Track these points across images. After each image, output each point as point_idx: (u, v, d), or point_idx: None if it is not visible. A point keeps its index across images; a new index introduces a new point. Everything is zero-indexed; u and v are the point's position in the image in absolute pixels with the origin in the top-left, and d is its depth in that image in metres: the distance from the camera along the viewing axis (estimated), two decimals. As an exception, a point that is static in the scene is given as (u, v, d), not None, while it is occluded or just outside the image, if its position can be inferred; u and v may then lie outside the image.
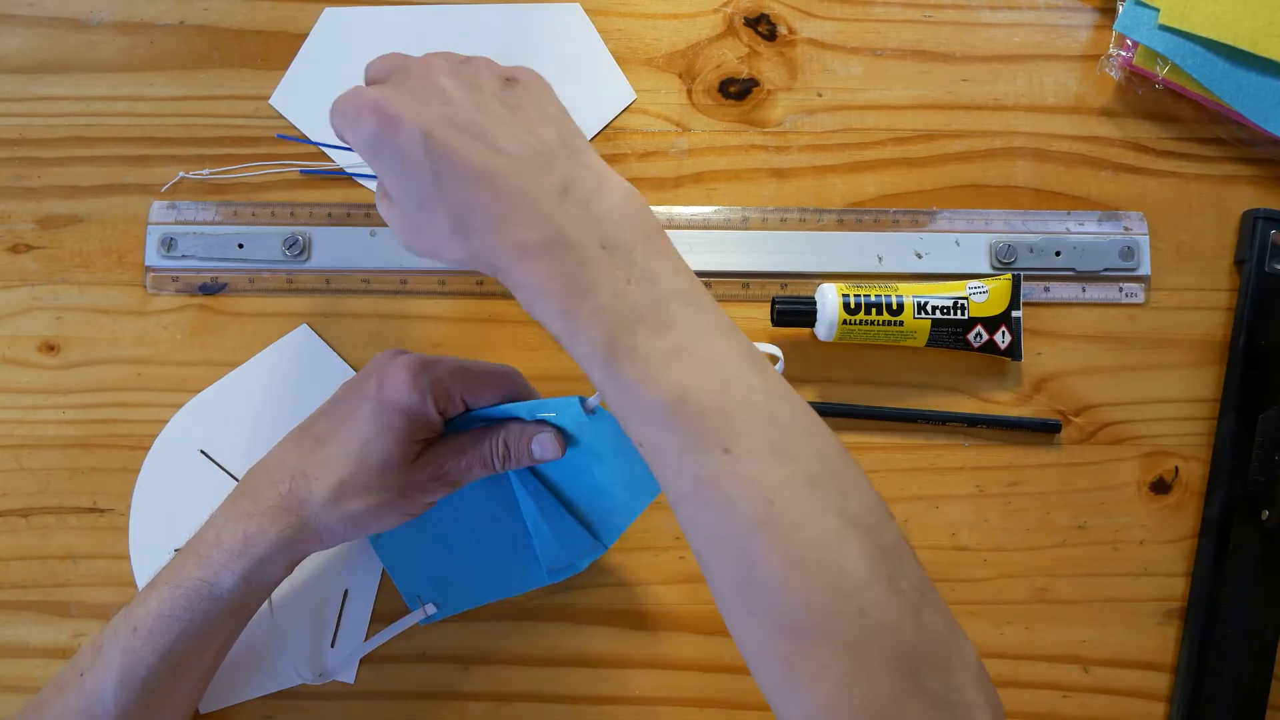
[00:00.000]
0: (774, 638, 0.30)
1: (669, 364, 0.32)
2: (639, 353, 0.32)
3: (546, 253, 0.33)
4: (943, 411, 0.51)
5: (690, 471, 0.32)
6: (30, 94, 0.54)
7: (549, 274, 0.33)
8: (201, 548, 0.41)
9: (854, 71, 0.54)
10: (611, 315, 0.33)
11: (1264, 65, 0.51)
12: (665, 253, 0.35)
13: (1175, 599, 0.50)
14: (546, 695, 0.49)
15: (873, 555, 0.30)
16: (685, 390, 0.32)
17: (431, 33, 0.54)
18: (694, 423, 0.31)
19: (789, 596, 0.30)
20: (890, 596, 0.30)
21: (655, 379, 0.32)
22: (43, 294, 0.52)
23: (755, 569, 0.30)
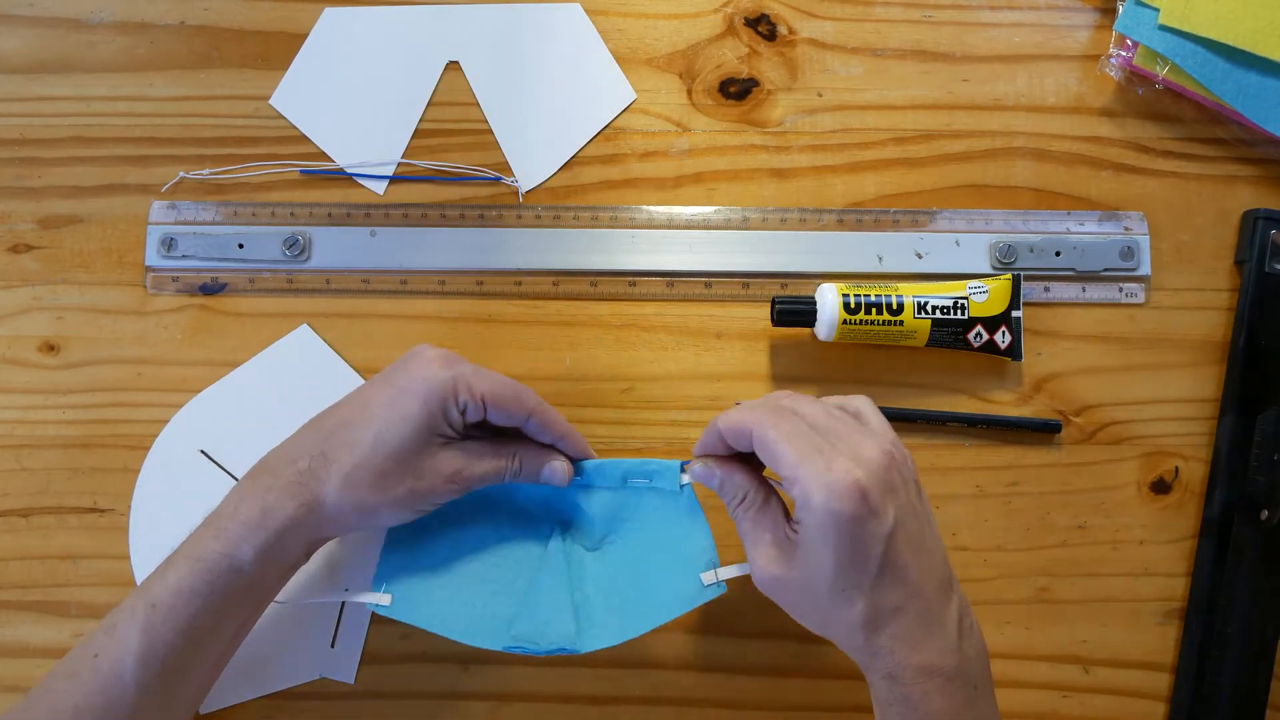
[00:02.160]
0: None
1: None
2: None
3: (948, 683, 0.37)
4: (943, 411, 0.51)
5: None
6: (30, 94, 0.54)
7: (944, 705, 0.37)
8: (220, 521, 0.40)
9: (854, 71, 0.54)
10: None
11: (1264, 65, 0.51)
12: (995, 702, 0.39)
13: (1175, 599, 0.50)
14: (546, 695, 0.49)
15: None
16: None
17: (432, 33, 0.54)
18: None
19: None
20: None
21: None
22: (43, 294, 0.52)
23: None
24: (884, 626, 0.37)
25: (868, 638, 0.37)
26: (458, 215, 0.53)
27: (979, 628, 0.39)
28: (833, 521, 0.36)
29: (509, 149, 0.53)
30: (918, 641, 0.37)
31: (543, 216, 0.53)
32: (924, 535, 0.38)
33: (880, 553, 0.36)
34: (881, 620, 0.37)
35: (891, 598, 0.36)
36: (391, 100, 0.54)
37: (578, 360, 0.52)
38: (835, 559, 0.36)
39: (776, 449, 0.37)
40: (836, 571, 0.36)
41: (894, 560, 0.36)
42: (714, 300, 0.52)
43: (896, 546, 0.36)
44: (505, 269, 0.52)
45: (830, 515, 0.36)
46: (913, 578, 0.37)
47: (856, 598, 0.36)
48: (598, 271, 0.52)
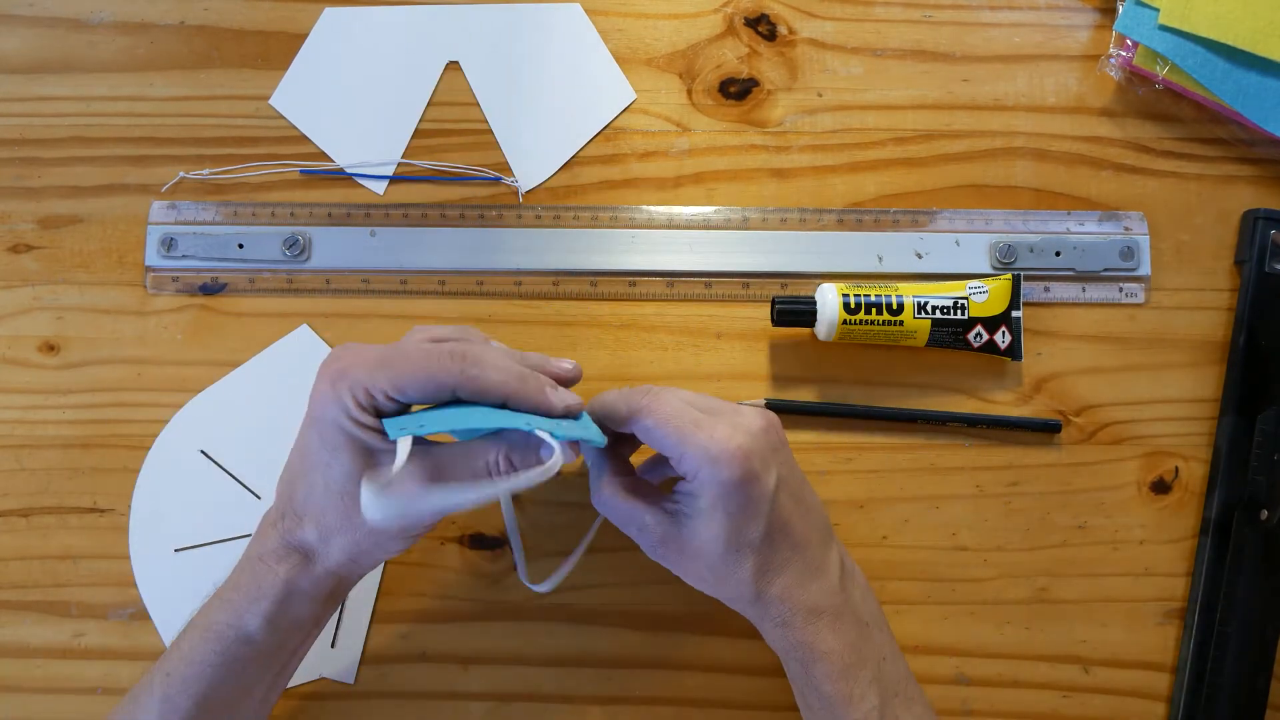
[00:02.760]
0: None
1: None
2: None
3: (835, 621, 0.40)
4: (943, 411, 0.51)
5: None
6: (30, 94, 0.54)
7: (837, 641, 0.39)
8: (225, 591, 0.40)
9: (854, 71, 0.54)
10: (880, 687, 0.40)
11: (1264, 65, 0.51)
12: (891, 634, 0.42)
13: (1175, 599, 0.50)
14: (546, 695, 0.49)
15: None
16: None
17: (432, 33, 0.54)
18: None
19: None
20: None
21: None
22: (43, 294, 0.52)
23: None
24: (774, 579, 0.39)
25: (759, 591, 0.39)
26: (458, 215, 0.53)
27: (860, 571, 0.43)
28: (721, 489, 0.38)
29: (509, 149, 0.53)
30: (804, 586, 0.39)
31: (543, 216, 0.53)
32: (804, 490, 0.41)
33: (767, 511, 0.38)
34: (770, 573, 0.39)
35: (779, 551, 0.39)
36: (391, 100, 0.54)
37: (578, 360, 0.52)
38: (727, 523, 0.38)
39: (660, 430, 0.39)
40: (728, 535, 0.38)
41: (779, 516, 0.39)
42: (714, 300, 0.52)
43: (781, 503, 0.39)
44: (505, 269, 0.52)
45: (719, 484, 0.38)
46: (797, 531, 0.39)
47: (747, 555, 0.39)
48: (598, 271, 0.52)
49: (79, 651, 0.50)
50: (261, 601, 0.39)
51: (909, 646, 0.49)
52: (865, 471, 0.51)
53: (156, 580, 0.50)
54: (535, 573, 0.50)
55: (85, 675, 0.50)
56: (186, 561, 0.50)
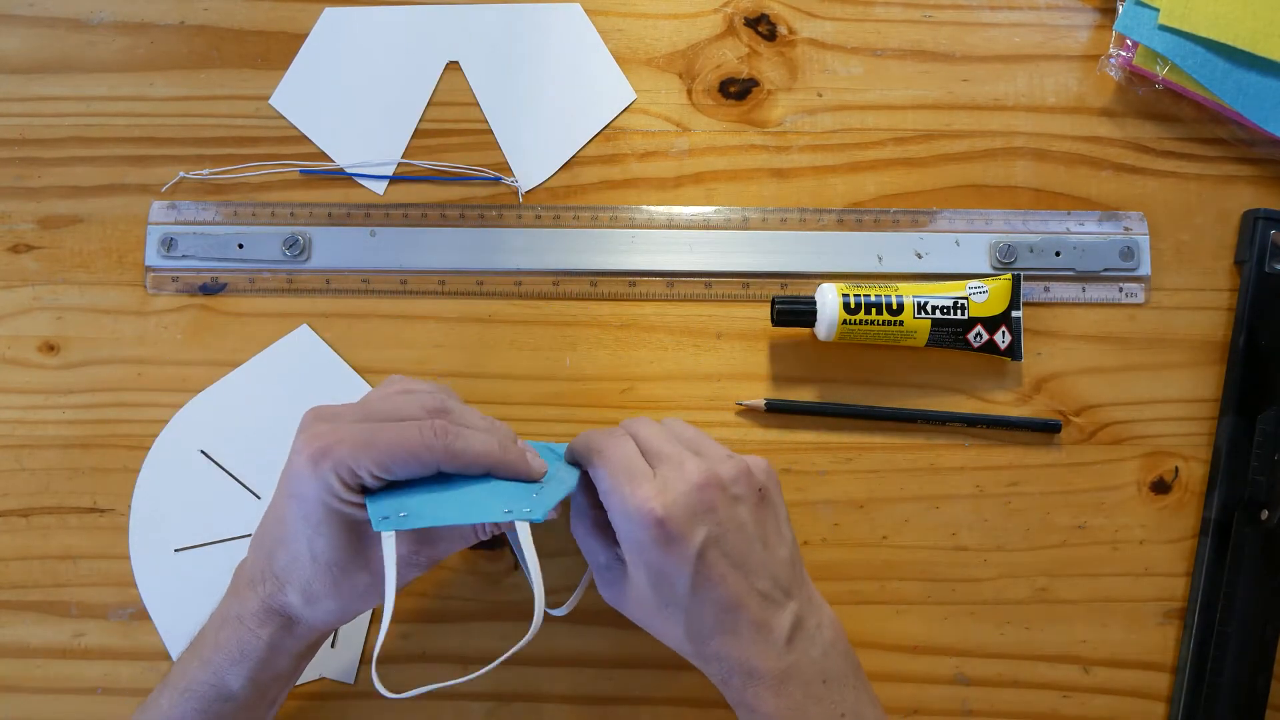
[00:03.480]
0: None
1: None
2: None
3: (778, 685, 0.38)
4: (943, 411, 0.51)
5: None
6: (30, 94, 0.54)
7: (777, 705, 0.38)
8: (203, 650, 0.39)
9: (854, 71, 0.54)
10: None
11: (1264, 65, 0.51)
12: (866, 688, 0.40)
13: (1175, 599, 0.50)
14: (546, 695, 0.49)
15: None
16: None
17: (432, 33, 0.54)
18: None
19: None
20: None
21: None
22: (43, 294, 0.52)
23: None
24: (707, 639, 0.38)
25: (695, 649, 0.39)
26: (458, 215, 0.53)
27: (835, 628, 0.40)
28: (637, 547, 0.38)
29: (509, 149, 0.53)
30: (742, 648, 0.38)
31: (543, 216, 0.53)
32: (749, 550, 0.39)
33: (690, 571, 0.37)
34: (703, 633, 0.38)
35: (708, 613, 0.38)
36: (391, 100, 0.54)
37: (578, 360, 0.52)
38: (649, 578, 0.38)
39: (597, 474, 0.40)
40: (654, 590, 0.38)
41: (707, 576, 0.38)
42: (714, 300, 0.52)
43: (708, 563, 0.38)
44: (505, 269, 0.52)
45: (634, 541, 0.38)
46: (730, 592, 0.38)
47: (677, 613, 0.38)
48: (598, 271, 0.52)
49: (79, 651, 0.50)
50: (244, 663, 0.39)
51: (909, 646, 0.50)
52: (865, 471, 0.51)
53: (156, 580, 0.50)
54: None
55: (85, 675, 0.50)
56: (186, 561, 0.50)
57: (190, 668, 0.39)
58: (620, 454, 0.40)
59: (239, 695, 0.39)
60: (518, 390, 0.51)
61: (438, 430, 0.38)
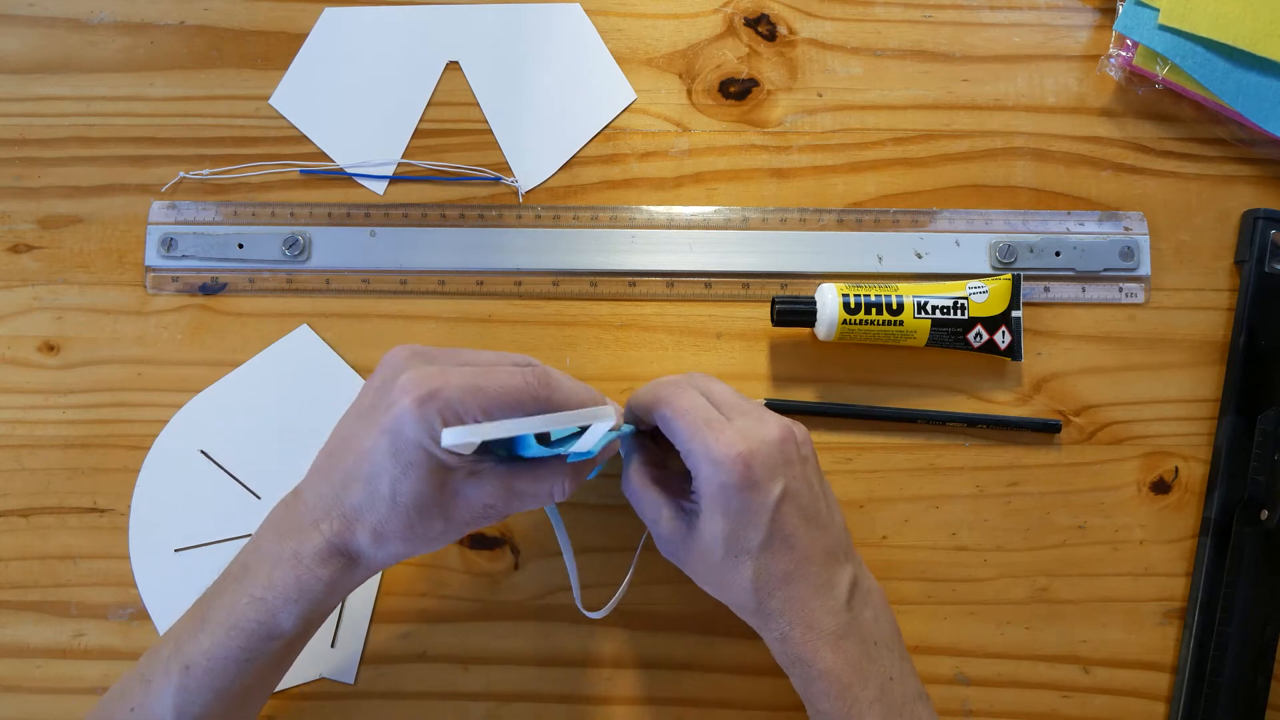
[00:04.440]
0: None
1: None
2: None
3: (838, 642, 0.39)
4: (943, 411, 0.51)
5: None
6: (30, 94, 0.54)
7: (837, 660, 0.39)
8: (255, 588, 0.38)
9: (854, 71, 0.54)
10: (883, 707, 0.39)
11: (1264, 65, 0.51)
12: (906, 655, 0.42)
13: (1175, 599, 0.50)
14: (546, 695, 0.49)
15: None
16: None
17: (432, 33, 0.54)
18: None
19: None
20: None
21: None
22: (43, 294, 0.52)
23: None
24: (774, 590, 0.39)
25: (759, 600, 0.39)
26: (458, 215, 0.53)
27: (882, 596, 0.42)
28: (720, 491, 0.38)
29: (509, 149, 0.53)
30: (806, 602, 0.39)
31: (543, 216, 0.53)
32: (817, 508, 0.40)
33: (767, 520, 0.39)
34: (771, 584, 0.39)
35: (779, 562, 0.39)
36: (391, 100, 0.54)
37: (578, 360, 0.52)
38: (725, 525, 0.39)
39: (674, 424, 0.40)
40: (727, 537, 0.39)
41: (781, 528, 0.39)
42: (714, 300, 0.52)
43: (784, 515, 0.39)
44: (505, 269, 0.52)
45: (718, 485, 0.38)
46: (800, 545, 0.39)
47: (746, 562, 0.39)
48: (598, 271, 0.52)
49: (79, 651, 0.50)
50: (301, 603, 0.38)
51: (909, 646, 0.50)
52: (865, 471, 0.51)
53: (156, 580, 0.50)
54: (531, 576, 0.50)
55: (85, 675, 0.50)
56: (186, 561, 0.50)
57: (239, 604, 0.38)
58: (697, 404, 0.40)
59: (288, 633, 0.39)
60: (518, 390, 0.51)
61: (539, 377, 0.38)
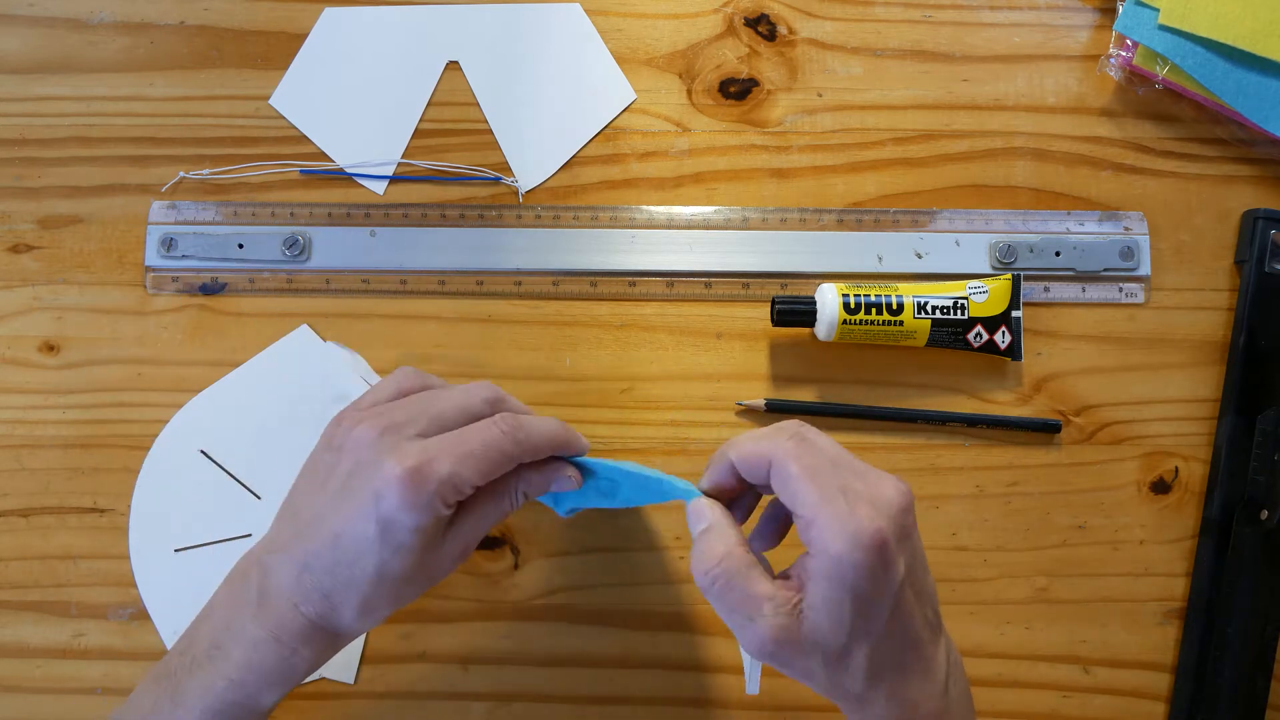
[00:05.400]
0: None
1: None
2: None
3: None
4: (943, 411, 0.51)
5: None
6: (30, 94, 0.54)
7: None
8: (232, 670, 0.37)
9: (854, 71, 0.54)
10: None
11: (1264, 65, 0.51)
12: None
13: (1175, 599, 0.50)
14: (546, 695, 0.49)
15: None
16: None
17: (432, 33, 0.54)
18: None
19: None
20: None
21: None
22: (43, 294, 0.52)
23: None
24: (884, 676, 0.35)
25: (866, 689, 0.35)
26: (458, 215, 0.53)
27: (961, 663, 0.38)
28: (853, 572, 0.33)
29: (509, 149, 0.53)
30: (911, 689, 0.35)
31: (543, 216, 0.53)
32: (924, 579, 0.36)
33: (891, 604, 0.34)
34: (884, 671, 0.35)
35: (895, 646, 0.35)
36: (391, 100, 0.54)
37: (578, 360, 0.52)
38: (853, 610, 0.34)
39: (799, 484, 0.35)
40: (852, 625, 0.34)
41: (900, 610, 0.34)
42: (714, 300, 0.52)
43: (904, 596, 0.34)
44: (505, 269, 0.52)
45: (851, 565, 0.33)
46: (914, 624, 0.35)
47: (862, 648, 0.34)
48: (598, 271, 0.52)
49: (79, 651, 0.50)
50: (284, 684, 0.38)
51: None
52: (865, 471, 0.51)
53: (156, 580, 0.50)
54: (531, 576, 0.50)
55: (85, 675, 0.50)
56: (186, 561, 0.50)
57: (215, 687, 0.37)
58: (822, 464, 0.35)
59: (267, 709, 0.38)
60: (518, 390, 0.51)
61: (510, 423, 0.38)
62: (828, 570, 0.33)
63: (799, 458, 0.35)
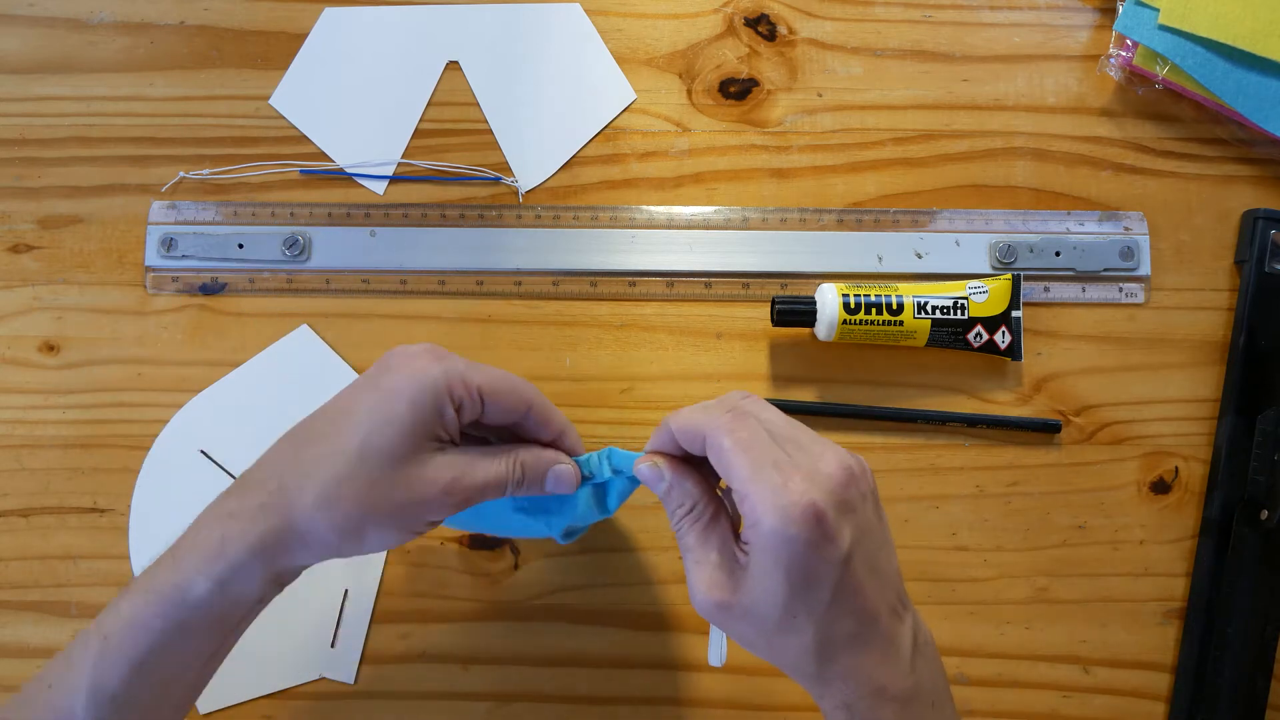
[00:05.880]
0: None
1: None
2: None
3: (903, 707, 0.35)
4: (943, 411, 0.51)
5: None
6: (30, 94, 0.54)
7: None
8: (178, 550, 0.37)
9: (854, 71, 0.54)
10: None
11: (1264, 65, 0.51)
12: (953, 703, 0.37)
13: (1175, 599, 0.50)
14: (546, 695, 0.49)
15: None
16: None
17: (432, 33, 0.54)
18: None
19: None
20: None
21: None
22: (43, 294, 0.52)
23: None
24: (837, 655, 0.34)
25: (819, 667, 0.34)
26: (458, 215, 0.53)
27: (932, 638, 0.37)
28: (785, 546, 0.33)
29: (509, 149, 0.53)
30: (872, 667, 0.34)
31: (543, 216, 0.53)
32: (879, 556, 0.35)
33: (834, 579, 0.33)
34: (835, 648, 0.34)
35: (845, 625, 0.34)
36: (391, 100, 0.54)
37: (578, 360, 0.52)
38: (786, 584, 0.33)
39: (731, 458, 0.34)
40: (787, 597, 0.33)
41: (848, 585, 0.34)
42: (714, 300, 0.52)
43: (851, 570, 0.34)
44: (505, 269, 0.52)
45: (783, 539, 0.33)
46: (867, 602, 0.34)
47: (807, 625, 0.34)
48: (598, 271, 0.52)
49: (79, 651, 0.50)
50: (218, 563, 0.36)
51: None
52: (865, 471, 0.51)
53: (156, 580, 0.50)
54: (531, 576, 0.50)
55: (85, 675, 0.50)
56: (186, 561, 0.50)
57: (158, 569, 0.36)
58: (760, 438, 0.35)
59: (202, 603, 0.36)
60: (518, 390, 0.51)
61: (528, 382, 0.40)
62: (762, 544, 0.33)
63: (732, 431, 0.35)
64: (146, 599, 0.36)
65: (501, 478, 0.39)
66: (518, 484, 0.39)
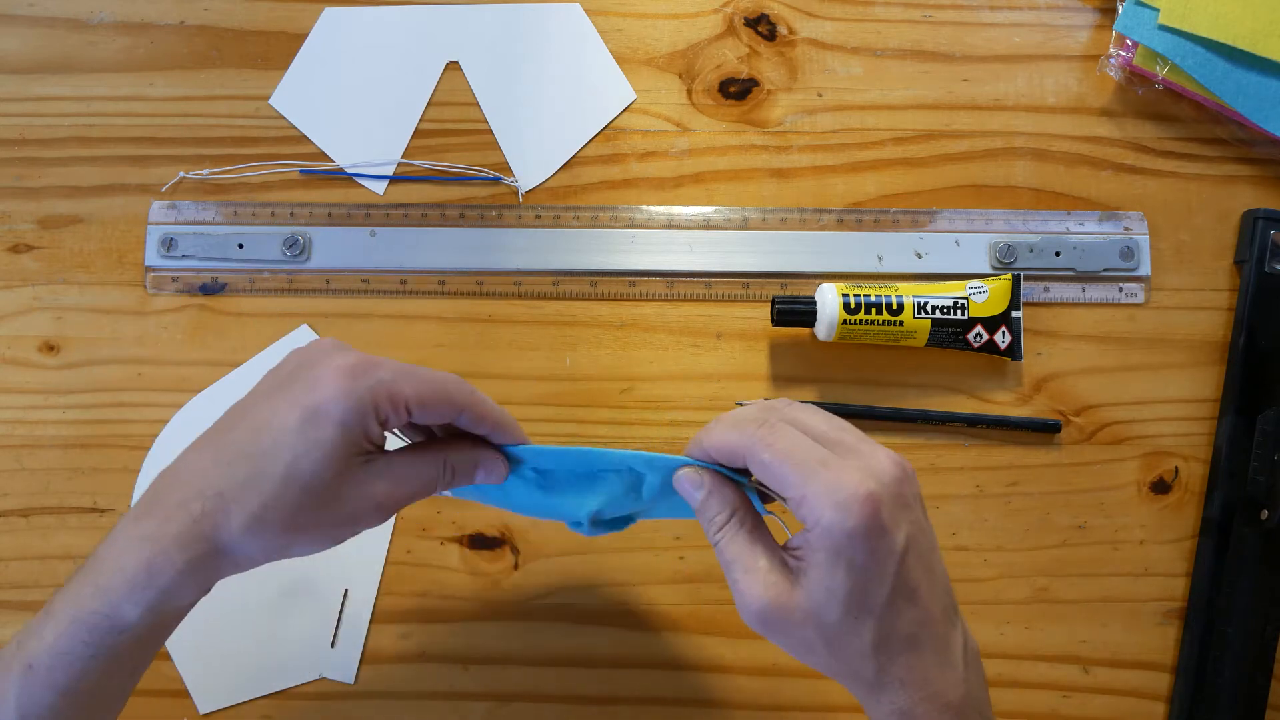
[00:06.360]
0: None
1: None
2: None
3: (958, 715, 0.34)
4: (943, 411, 0.51)
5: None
6: (30, 94, 0.54)
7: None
8: (100, 575, 0.34)
9: (854, 71, 0.54)
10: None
11: (1264, 65, 0.51)
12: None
13: (1175, 599, 0.50)
14: (546, 695, 0.49)
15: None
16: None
17: (432, 33, 0.54)
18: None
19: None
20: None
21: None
22: (43, 294, 0.52)
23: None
24: (896, 655, 0.33)
25: (879, 668, 0.33)
26: (458, 215, 0.53)
27: (979, 649, 0.37)
28: (846, 539, 0.32)
29: (509, 149, 0.53)
30: (929, 672, 0.34)
31: (543, 216, 0.53)
32: (932, 557, 0.35)
33: (893, 572, 0.33)
34: (894, 648, 0.33)
35: (904, 622, 0.33)
36: (391, 100, 0.54)
37: (578, 360, 0.52)
38: (848, 580, 0.33)
39: (776, 469, 0.34)
40: (848, 594, 0.33)
41: (906, 581, 0.33)
42: (714, 300, 0.52)
43: (908, 568, 0.33)
44: (505, 269, 0.52)
45: (843, 532, 0.32)
46: (923, 602, 0.34)
47: (867, 622, 0.33)
48: (598, 271, 0.52)
49: (79, 651, 0.50)
50: (147, 591, 0.34)
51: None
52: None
53: (156, 580, 0.50)
54: (531, 576, 0.50)
55: (85, 675, 0.50)
56: (186, 561, 0.50)
57: (82, 594, 0.34)
58: (801, 442, 0.34)
59: (132, 628, 0.34)
60: (518, 390, 0.51)
61: (461, 380, 0.37)
62: (821, 541, 0.33)
63: (770, 444, 0.34)
64: (73, 628, 0.34)
65: (431, 481, 0.38)
66: (448, 484, 0.38)
